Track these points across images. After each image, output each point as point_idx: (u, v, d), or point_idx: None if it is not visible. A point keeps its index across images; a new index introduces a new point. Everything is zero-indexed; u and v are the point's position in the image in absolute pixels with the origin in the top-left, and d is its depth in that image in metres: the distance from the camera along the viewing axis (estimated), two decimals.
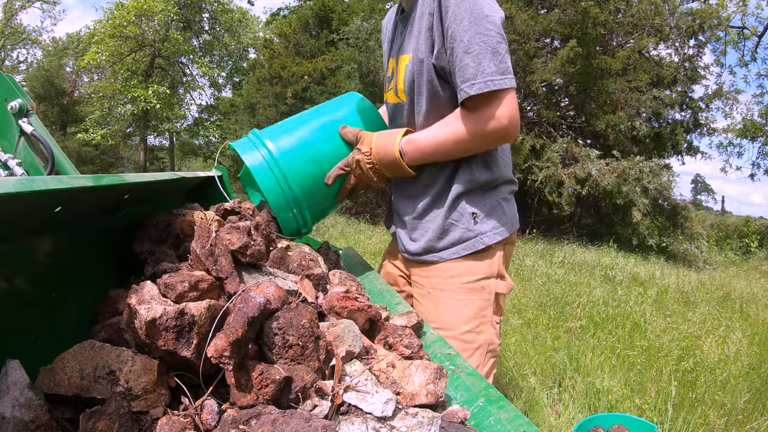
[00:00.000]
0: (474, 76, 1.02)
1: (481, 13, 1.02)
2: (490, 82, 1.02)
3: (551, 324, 3.57)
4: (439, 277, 1.22)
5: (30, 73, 27.73)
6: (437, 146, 1.12)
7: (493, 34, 1.02)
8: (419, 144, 1.15)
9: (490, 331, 1.21)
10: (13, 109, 1.44)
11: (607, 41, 10.52)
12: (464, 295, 1.19)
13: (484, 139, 1.08)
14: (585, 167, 8.93)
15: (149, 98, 18.77)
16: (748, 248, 13.24)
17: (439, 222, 1.20)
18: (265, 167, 1.21)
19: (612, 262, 7.41)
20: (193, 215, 1.03)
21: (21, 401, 0.51)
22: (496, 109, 1.04)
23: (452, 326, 1.17)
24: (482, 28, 1.01)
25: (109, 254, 0.96)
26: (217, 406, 0.61)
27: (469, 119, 1.08)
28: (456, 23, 1.03)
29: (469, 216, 1.18)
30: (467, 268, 1.19)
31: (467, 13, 1.02)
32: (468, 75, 1.02)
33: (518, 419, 0.68)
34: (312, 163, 1.24)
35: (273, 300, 0.67)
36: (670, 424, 2.17)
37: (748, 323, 4.38)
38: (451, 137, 1.10)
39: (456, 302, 1.19)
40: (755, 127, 15.13)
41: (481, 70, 1.01)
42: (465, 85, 1.03)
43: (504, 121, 1.05)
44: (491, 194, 1.21)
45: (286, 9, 21.34)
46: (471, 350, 1.18)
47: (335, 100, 1.40)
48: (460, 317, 1.18)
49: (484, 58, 1.01)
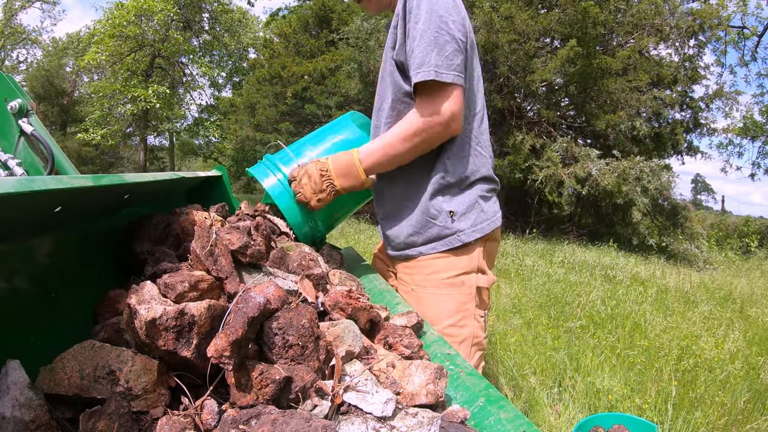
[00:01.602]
0: (420, 65, 1.08)
1: (437, 13, 1.09)
2: (434, 71, 1.07)
3: (551, 324, 3.57)
4: (420, 273, 1.26)
5: (30, 73, 27.74)
6: (386, 147, 1.17)
7: (443, 33, 1.08)
8: (371, 148, 1.20)
9: (474, 324, 1.24)
10: (13, 109, 1.44)
11: (607, 41, 10.52)
12: (445, 290, 1.22)
13: (427, 132, 1.12)
14: (585, 167, 8.94)
15: (149, 98, 18.77)
16: (748, 248, 13.24)
17: (418, 219, 1.24)
18: (282, 191, 1.29)
19: (612, 261, 7.41)
20: (194, 215, 1.03)
21: (21, 401, 0.51)
22: (443, 102, 1.10)
23: (435, 321, 1.19)
24: (434, 25, 1.08)
25: (109, 254, 0.96)
26: (217, 406, 0.61)
27: (415, 113, 1.13)
28: (414, 22, 1.11)
29: (446, 214, 1.22)
30: (447, 264, 1.23)
31: (424, 12, 1.09)
32: (416, 64, 1.09)
33: (518, 419, 0.68)
34: None
35: (273, 300, 0.67)
36: (670, 424, 2.17)
37: (748, 323, 4.38)
38: (397, 135, 1.15)
39: (437, 297, 1.22)
40: (756, 126, 15.13)
41: (428, 60, 1.07)
42: (413, 72, 1.09)
43: (447, 115, 1.10)
44: (467, 192, 1.24)
45: (286, 9, 21.36)
46: (456, 344, 1.20)
47: (339, 120, 1.47)
48: (443, 312, 1.21)
49: (432, 51, 1.07)
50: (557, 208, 13.47)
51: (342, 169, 1.20)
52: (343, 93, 12.70)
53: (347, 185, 1.22)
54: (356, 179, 1.21)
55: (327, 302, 0.90)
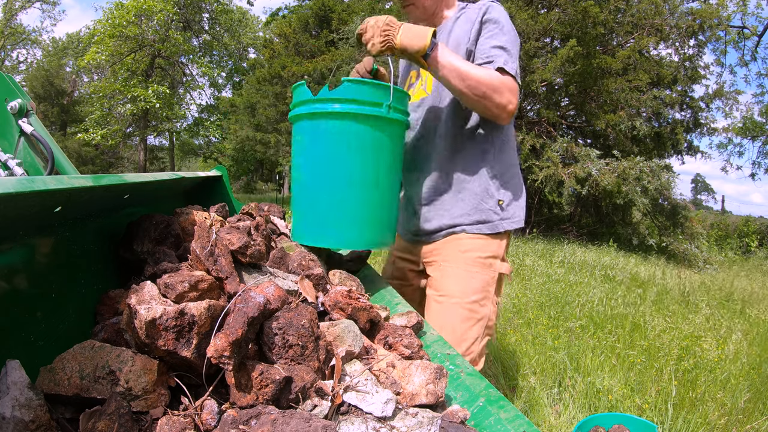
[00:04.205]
0: (507, 62, 1.25)
1: (515, 33, 1.32)
2: (516, 73, 1.26)
3: (551, 324, 3.57)
4: (454, 250, 1.35)
5: (30, 73, 27.72)
6: (461, 65, 1.20)
7: (517, 49, 1.31)
8: (449, 52, 1.22)
9: (491, 308, 1.34)
10: (13, 109, 1.44)
11: (607, 41, 10.52)
12: (475, 269, 1.33)
13: (493, 95, 1.21)
14: (585, 167, 8.93)
15: (149, 98, 18.77)
16: (748, 248, 13.25)
17: (472, 201, 1.35)
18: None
19: (612, 261, 7.41)
20: (194, 215, 1.03)
21: (21, 401, 0.51)
22: (516, 93, 1.25)
23: (461, 294, 1.29)
24: (515, 42, 1.30)
25: (109, 254, 0.96)
26: (217, 406, 0.61)
27: (500, 77, 1.23)
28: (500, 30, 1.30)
29: (496, 201, 1.36)
30: (482, 245, 1.34)
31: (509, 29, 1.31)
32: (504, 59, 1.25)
33: (518, 419, 0.68)
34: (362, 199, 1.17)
35: (273, 300, 0.67)
36: (670, 424, 2.17)
37: (749, 323, 4.38)
38: (475, 72, 1.21)
39: (467, 273, 1.32)
40: (756, 126, 15.13)
41: (513, 63, 1.26)
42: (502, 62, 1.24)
43: (513, 101, 1.24)
44: (511, 184, 1.39)
45: (286, 9, 21.36)
46: (474, 320, 1.29)
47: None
48: (469, 287, 1.31)
49: (516, 61, 1.28)
50: (557, 208, 13.48)
51: (411, 29, 1.20)
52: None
53: (406, 42, 1.18)
54: (419, 38, 1.18)
55: (327, 302, 0.90)
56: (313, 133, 1.17)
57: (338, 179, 1.15)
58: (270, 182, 28.95)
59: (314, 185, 1.17)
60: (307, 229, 1.19)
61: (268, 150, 15.81)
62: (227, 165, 22.72)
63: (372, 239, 1.19)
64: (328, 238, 1.17)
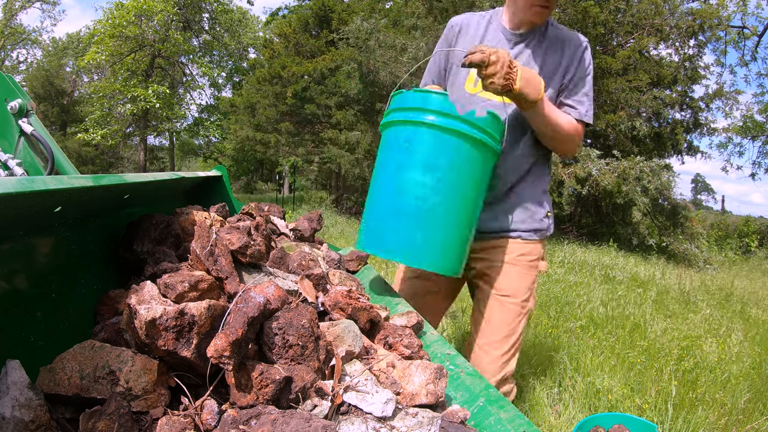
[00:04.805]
0: (588, 111, 1.45)
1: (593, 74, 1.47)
2: (590, 119, 1.46)
3: (551, 324, 3.56)
4: (512, 253, 1.53)
5: (30, 73, 27.71)
6: (556, 118, 1.38)
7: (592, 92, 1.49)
8: (548, 102, 1.36)
9: (533, 301, 1.56)
10: (13, 109, 1.44)
11: (607, 41, 10.52)
12: (528, 270, 1.53)
13: (570, 140, 1.43)
14: (585, 167, 8.93)
15: (149, 98, 18.76)
16: (749, 248, 13.24)
17: (532, 210, 1.53)
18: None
19: (612, 261, 7.40)
20: (194, 215, 1.03)
21: (21, 401, 0.51)
22: (581, 137, 1.49)
23: (517, 294, 1.49)
24: (591, 78, 1.47)
25: (109, 254, 0.96)
26: (217, 406, 0.61)
27: (577, 126, 1.44)
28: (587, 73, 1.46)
29: (544, 213, 1.55)
30: (532, 249, 1.53)
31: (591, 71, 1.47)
32: (586, 107, 1.45)
33: (518, 419, 0.68)
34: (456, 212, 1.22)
35: (273, 300, 0.67)
36: (670, 424, 2.17)
37: (749, 323, 4.38)
38: (561, 120, 1.40)
39: (524, 274, 1.52)
40: (756, 126, 15.13)
41: (590, 110, 1.46)
42: (583, 111, 1.45)
43: (576, 150, 1.56)
44: (549, 197, 1.59)
45: (286, 9, 21.37)
46: (524, 315, 1.51)
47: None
48: (524, 287, 1.51)
49: (592, 106, 1.47)
50: (557, 208, 13.45)
51: (528, 76, 1.22)
52: (343, 93, 12.70)
53: (525, 90, 1.22)
54: (535, 91, 1.24)
55: (327, 302, 0.90)
56: (449, 151, 1.18)
57: (466, 203, 1.22)
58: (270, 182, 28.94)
59: (440, 204, 1.18)
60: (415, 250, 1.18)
61: (268, 150, 15.81)
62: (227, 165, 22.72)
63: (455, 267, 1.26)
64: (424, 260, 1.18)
